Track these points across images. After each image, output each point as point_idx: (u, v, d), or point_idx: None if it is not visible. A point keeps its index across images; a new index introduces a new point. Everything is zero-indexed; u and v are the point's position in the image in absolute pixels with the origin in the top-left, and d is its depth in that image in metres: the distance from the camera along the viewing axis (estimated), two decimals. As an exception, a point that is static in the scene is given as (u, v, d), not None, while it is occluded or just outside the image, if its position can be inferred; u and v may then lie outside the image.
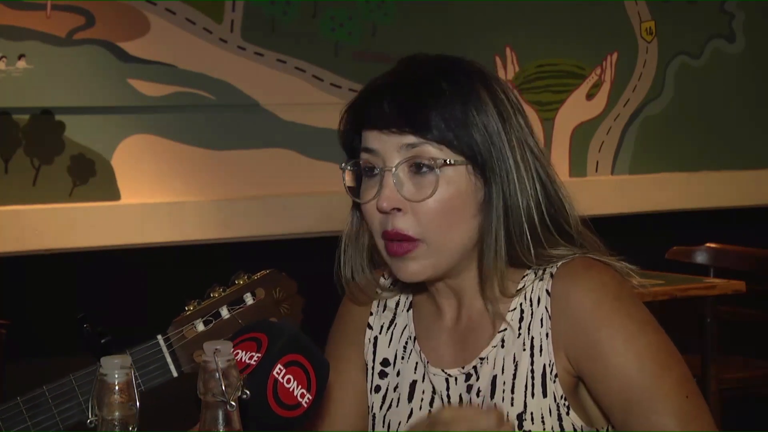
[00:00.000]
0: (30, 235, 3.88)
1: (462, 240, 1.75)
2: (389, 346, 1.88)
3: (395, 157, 1.73)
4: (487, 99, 1.75)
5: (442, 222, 1.73)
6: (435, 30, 4.48)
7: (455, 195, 1.73)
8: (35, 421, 1.80)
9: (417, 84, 1.75)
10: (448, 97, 1.73)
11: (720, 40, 5.10)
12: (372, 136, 1.75)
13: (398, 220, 1.73)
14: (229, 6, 4.19)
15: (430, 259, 1.74)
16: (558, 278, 1.75)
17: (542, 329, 1.75)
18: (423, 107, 1.72)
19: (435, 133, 1.72)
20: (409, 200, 1.73)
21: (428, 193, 1.72)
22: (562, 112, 4.81)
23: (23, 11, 3.88)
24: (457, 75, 1.76)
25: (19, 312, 3.72)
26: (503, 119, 1.75)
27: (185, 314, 1.87)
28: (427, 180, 1.73)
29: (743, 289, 4.06)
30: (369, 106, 1.76)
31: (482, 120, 1.73)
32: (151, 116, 4.09)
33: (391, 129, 1.73)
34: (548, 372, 1.74)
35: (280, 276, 1.90)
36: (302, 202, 4.26)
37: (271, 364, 1.53)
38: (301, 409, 1.54)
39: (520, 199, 1.74)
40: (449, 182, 1.73)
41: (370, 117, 1.75)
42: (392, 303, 1.91)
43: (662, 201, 4.91)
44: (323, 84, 4.34)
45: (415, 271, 1.75)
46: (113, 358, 1.33)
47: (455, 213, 1.73)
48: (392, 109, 1.73)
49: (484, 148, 1.73)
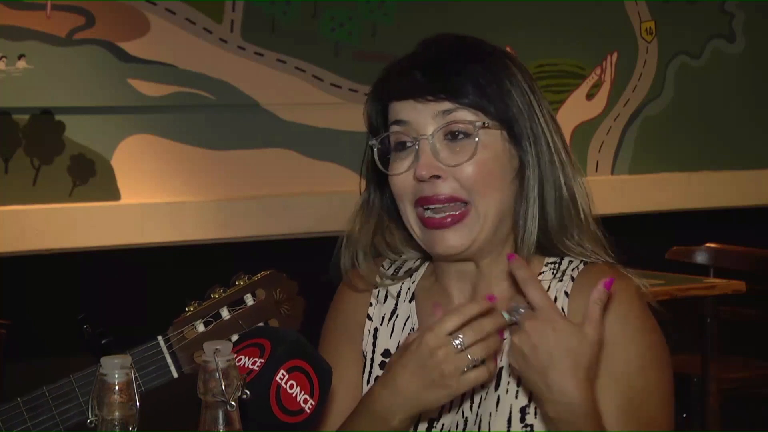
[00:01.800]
0: (30, 235, 3.88)
1: (501, 205, 1.75)
2: (391, 337, 1.88)
3: (430, 125, 1.73)
4: (517, 71, 1.77)
5: (483, 184, 1.73)
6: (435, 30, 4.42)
7: (492, 159, 1.73)
8: (35, 422, 1.80)
9: (448, 54, 1.76)
10: (480, 65, 1.74)
11: (720, 40, 5.10)
12: (404, 107, 1.75)
13: (440, 186, 1.73)
14: (229, 6, 4.19)
15: (473, 228, 1.74)
16: (579, 282, 1.75)
17: None
18: (457, 73, 1.73)
19: (470, 98, 1.73)
20: (448, 165, 1.72)
21: (467, 157, 1.72)
22: (562, 112, 4.81)
23: (23, 11, 3.88)
24: (486, 48, 1.78)
25: (19, 312, 3.72)
26: (533, 92, 1.77)
27: (185, 315, 1.87)
28: (465, 145, 1.73)
29: (743, 289, 4.06)
30: (400, 79, 1.76)
31: (515, 89, 1.75)
32: (151, 116, 4.09)
33: (426, 97, 1.73)
34: None
35: (281, 277, 1.90)
36: (302, 202, 4.26)
37: (274, 370, 1.53)
38: (304, 415, 1.54)
39: (551, 170, 1.75)
40: (486, 147, 1.73)
41: (403, 88, 1.75)
42: (393, 293, 1.90)
43: (662, 201, 4.91)
44: (323, 84, 4.34)
45: (455, 243, 1.74)
46: (113, 358, 1.33)
47: (494, 177, 1.74)
48: (426, 77, 1.73)
49: (519, 115, 1.74)
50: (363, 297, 1.92)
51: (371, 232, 1.83)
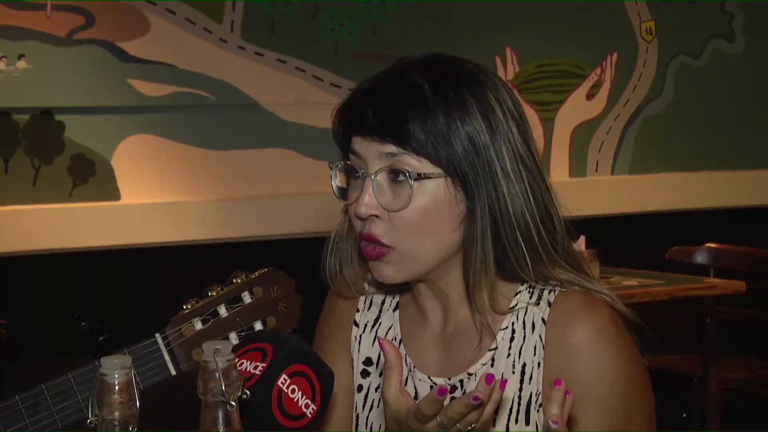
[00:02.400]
0: (30, 235, 3.88)
1: (438, 251, 1.74)
2: (372, 346, 1.87)
3: (376, 164, 1.73)
4: (474, 108, 1.72)
5: (415, 232, 1.72)
6: (435, 30, 4.48)
7: (431, 207, 1.72)
8: (33, 420, 1.80)
9: (402, 92, 1.74)
10: (432, 107, 1.71)
11: (720, 40, 5.10)
12: (357, 140, 1.75)
13: (374, 226, 1.73)
14: (229, 6, 4.19)
15: (402, 265, 1.74)
16: (556, 309, 1.74)
17: (535, 357, 1.74)
18: (404, 118, 1.71)
19: (414, 145, 1.71)
20: (386, 209, 1.73)
21: (403, 204, 1.71)
22: (562, 112, 4.81)
23: (23, 11, 3.88)
24: (446, 83, 1.74)
25: (19, 312, 3.72)
26: (492, 129, 1.72)
27: (183, 313, 1.87)
28: (404, 190, 1.72)
29: (743, 289, 4.06)
30: (355, 111, 1.76)
31: (466, 130, 1.71)
32: (151, 116, 4.09)
33: (373, 137, 1.73)
34: (533, 401, 1.73)
35: (278, 274, 1.90)
36: (302, 202, 4.26)
37: (276, 374, 1.53)
38: (306, 420, 1.54)
39: (512, 209, 1.72)
40: (425, 194, 1.72)
41: (356, 122, 1.75)
42: (378, 301, 1.90)
43: (662, 201, 4.91)
44: (323, 84, 4.34)
45: (389, 274, 1.75)
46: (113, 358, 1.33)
47: (430, 225, 1.72)
48: (375, 118, 1.73)
49: (467, 160, 1.71)
50: (352, 303, 1.91)
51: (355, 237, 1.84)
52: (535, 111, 4.71)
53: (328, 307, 1.95)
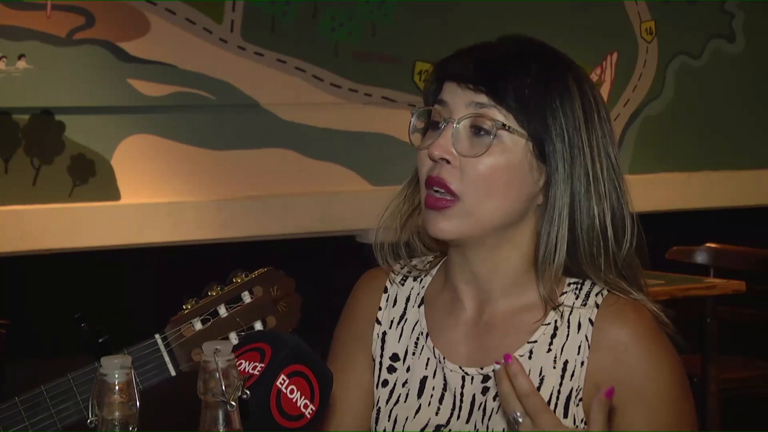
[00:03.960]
0: (30, 235, 3.88)
1: (500, 213, 1.74)
2: (399, 341, 1.87)
3: (462, 111, 1.74)
4: (575, 92, 1.75)
5: (483, 186, 1.72)
6: (435, 30, 4.48)
7: (504, 166, 1.73)
8: (33, 421, 1.80)
9: (508, 55, 1.76)
10: (533, 75, 1.73)
11: (720, 40, 5.10)
12: (448, 88, 1.76)
13: (444, 171, 1.73)
14: (229, 6, 4.19)
15: (462, 221, 1.73)
16: (605, 311, 1.75)
17: (579, 356, 1.74)
18: (504, 74, 1.73)
19: (507, 101, 1.72)
20: (460, 154, 1.72)
21: (479, 152, 1.72)
22: (562, 112, 4.81)
23: (23, 11, 3.88)
24: (551, 62, 1.77)
25: (19, 312, 3.72)
26: (587, 121, 1.74)
27: (183, 313, 1.87)
28: (483, 141, 1.72)
29: (743, 289, 4.06)
30: (456, 60, 1.77)
31: (563, 108, 1.73)
32: (151, 116, 4.09)
33: (467, 84, 1.74)
34: (574, 396, 1.74)
35: (278, 274, 1.90)
36: (302, 202, 4.26)
37: (275, 375, 1.53)
38: (305, 420, 1.54)
39: (595, 201, 1.74)
40: (503, 151, 1.73)
41: (454, 70, 1.76)
42: (402, 297, 1.89)
43: (662, 201, 4.90)
44: (323, 84, 4.33)
45: (445, 227, 1.74)
46: (113, 358, 1.33)
47: (500, 182, 1.73)
48: (476, 67, 1.74)
49: (556, 132, 1.72)
50: (373, 302, 1.91)
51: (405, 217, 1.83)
52: (535, 111, 4.71)
53: (349, 310, 1.95)
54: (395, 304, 1.89)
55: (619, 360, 1.72)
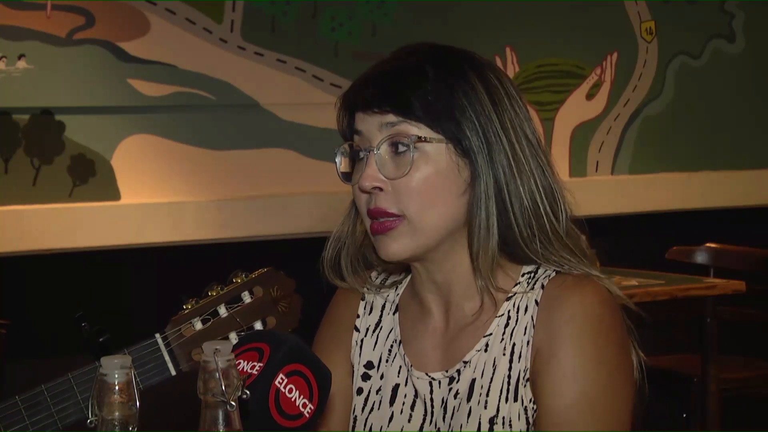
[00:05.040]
0: (30, 235, 3.88)
1: (444, 219, 1.75)
2: (374, 349, 1.87)
3: (377, 136, 1.76)
4: (477, 83, 1.76)
5: (421, 199, 1.74)
6: (435, 30, 4.48)
7: (433, 174, 1.74)
8: (33, 420, 1.81)
9: (403, 69, 1.78)
10: (431, 78, 1.75)
11: (720, 40, 5.10)
12: (359, 117, 1.78)
13: (380, 199, 1.75)
14: (229, 6, 4.19)
15: (412, 237, 1.75)
16: (549, 290, 1.76)
17: (525, 337, 1.75)
18: (403, 87, 1.75)
19: (415, 113, 1.74)
20: (389, 178, 1.74)
21: (405, 171, 1.73)
22: (562, 112, 4.81)
23: (23, 11, 3.88)
24: (447, 62, 1.78)
25: (19, 312, 3.72)
26: (494, 103, 1.75)
27: (183, 313, 1.87)
28: (406, 158, 1.74)
29: (743, 289, 4.06)
30: (357, 89, 1.81)
31: (469, 101, 1.74)
32: (151, 116, 4.09)
33: (373, 109, 1.76)
34: (522, 378, 1.74)
35: (278, 274, 1.90)
36: (302, 202, 4.26)
37: (273, 374, 1.52)
38: (303, 419, 1.54)
39: (519, 182, 1.75)
40: (427, 162, 1.74)
41: (357, 100, 1.79)
42: (379, 305, 1.90)
43: (662, 201, 4.91)
44: (323, 84, 4.34)
45: (395, 250, 1.75)
46: (113, 358, 1.33)
47: (435, 191, 1.74)
48: (375, 90, 1.77)
49: (469, 127, 1.74)
50: (353, 308, 1.92)
51: (360, 239, 1.84)
52: (535, 111, 4.71)
53: (330, 313, 1.95)
54: (371, 312, 1.90)
55: (550, 326, 1.73)
